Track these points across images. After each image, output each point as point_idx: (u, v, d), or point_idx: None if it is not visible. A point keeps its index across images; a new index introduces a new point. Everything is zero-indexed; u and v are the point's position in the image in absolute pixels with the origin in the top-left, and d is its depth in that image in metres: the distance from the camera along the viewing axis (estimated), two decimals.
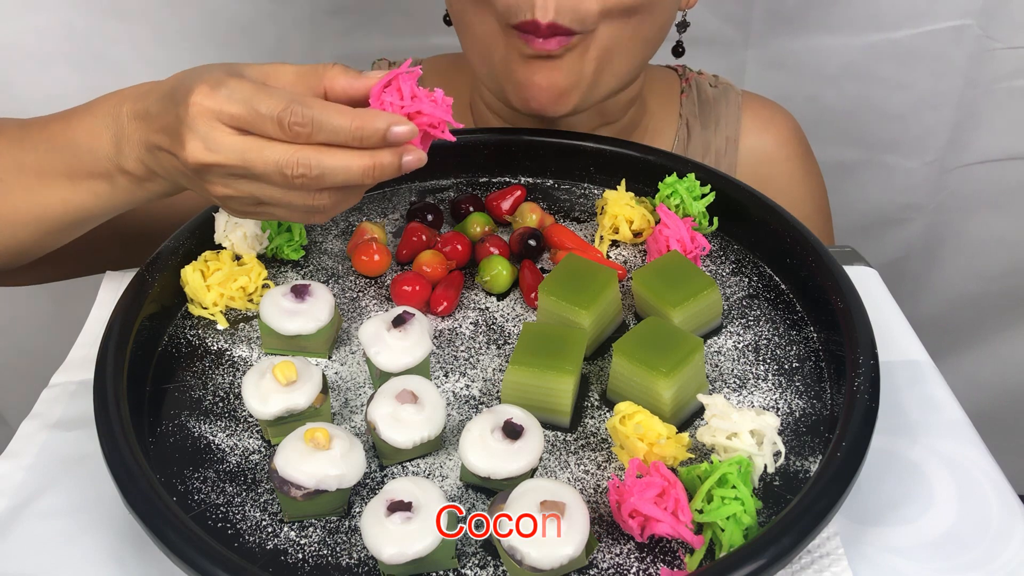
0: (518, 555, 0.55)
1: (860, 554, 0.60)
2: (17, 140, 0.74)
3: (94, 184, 0.70)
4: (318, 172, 0.60)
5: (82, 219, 0.74)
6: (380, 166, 0.60)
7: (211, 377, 0.71)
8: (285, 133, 0.59)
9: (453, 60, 1.07)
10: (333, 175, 0.60)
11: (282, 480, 0.59)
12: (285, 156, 0.60)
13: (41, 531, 0.63)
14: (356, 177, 0.60)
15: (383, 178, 0.61)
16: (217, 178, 0.62)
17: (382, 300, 0.78)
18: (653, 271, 0.73)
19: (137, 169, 0.68)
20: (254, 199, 0.63)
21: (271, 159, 0.60)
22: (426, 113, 0.63)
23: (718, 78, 1.08)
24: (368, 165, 0.60)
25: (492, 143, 0.90)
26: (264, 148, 0.60)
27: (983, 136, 1.33)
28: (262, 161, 0.60)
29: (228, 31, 1.21)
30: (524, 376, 0.65)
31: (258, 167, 0.60)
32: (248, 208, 0.65)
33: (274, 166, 0.60)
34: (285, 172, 0.60)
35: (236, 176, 0.62)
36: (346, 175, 0.60)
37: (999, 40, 1.24)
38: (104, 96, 0.71)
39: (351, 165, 0.60)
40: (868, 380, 0.64)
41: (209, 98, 0.60)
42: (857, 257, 0.85)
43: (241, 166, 0.60)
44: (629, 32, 0.83)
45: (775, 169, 1.05)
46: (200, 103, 0.60)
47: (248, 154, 0.60)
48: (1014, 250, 1.42)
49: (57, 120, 0.73)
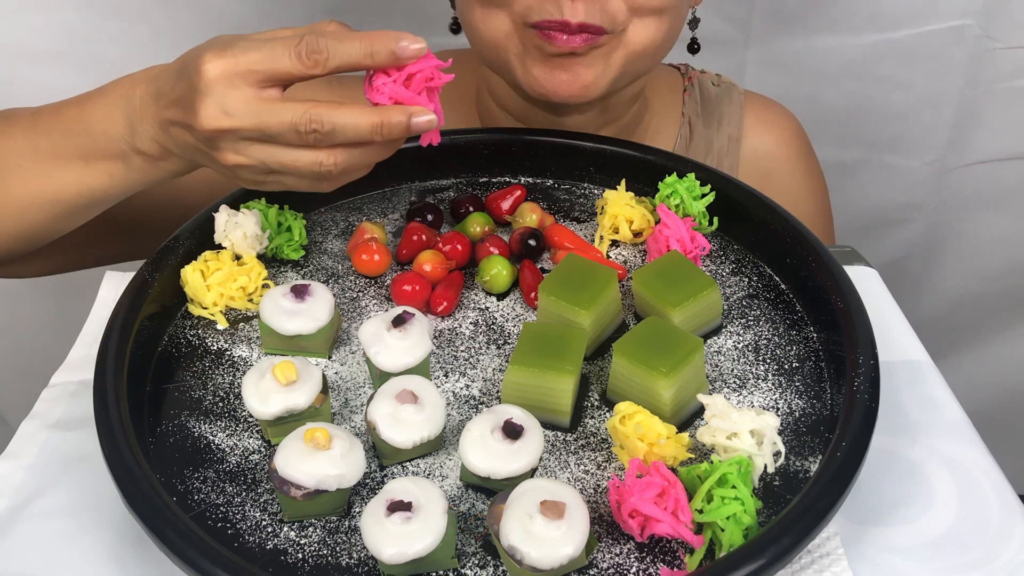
0: (518, 555, 0.55)
1: (860, 554, 0.60)
2: (31, 127, 0.75)
3: (109, 166, 0.72)
4: (330, 127, 0.62)
5: (97, 200, 0.75)
6: (388, 123, 0.62)
7: (211, 377, 0.71)
8: (303, 64, 0.62)
9: (457, 56, 1.07)
10: (344, 130, 0.62)
11: (282, 480, 0.59)
12: (298, 113, 0.62)
13: (41, 531, 0.63)
14: (365, 132, 0.62)
15: (394, 135, 0.63)
16: (230, 143, 0.64)
17: (382, 300, 0.78)
18: (653, 271, 0.73)
19: (151, 149, 0.69)
20: (264, 167, 0.65)
21: (285, 118, 0.62)
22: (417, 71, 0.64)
23: (721, 77, 1.07)
24: (377, 122, 0.62)
25: (492, 143, 0.90)
26: (277, 108, 0.62)
27: (983, 136, 1.33)
28: (276, 121, 0.62)
29: (228, 31, 1.20)
30: (524, 376, 0.65)
31: (272, 127, 0.62)
32: (258, 177, 0.66)
33: (289, 124, 0.62)
34: (299, 129, 0.62)
35: (249, 140, 0.63)
36: (356, 131, 0.62)
37: (999, 40, 1.24)
38: (116, 80, 0.72)
39: (360, 121, 0.62)
40: (868, 380, 0.64)
41: (220, 58, 0.62)
42: (857, 257, 0.85)
43: (256, 127, 0.62)
44: (661, 33, 0.84)
45: (777, 169, 1.05)
46: (212, 67, 0.62)
47: (262, 115, 0.62)
48: (1014, 250, 1.42)
49: (71, 105, 0.74)
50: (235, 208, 0.79)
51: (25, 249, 0.80)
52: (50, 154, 0.73)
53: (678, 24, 0.87)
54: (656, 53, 0.87)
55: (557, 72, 0.83)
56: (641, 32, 0.83)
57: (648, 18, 0.82)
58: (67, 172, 0.73)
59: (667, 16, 0.83)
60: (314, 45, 0.61)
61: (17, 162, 0.75)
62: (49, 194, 0.74)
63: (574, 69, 0.82)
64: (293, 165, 0.64)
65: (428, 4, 1.23)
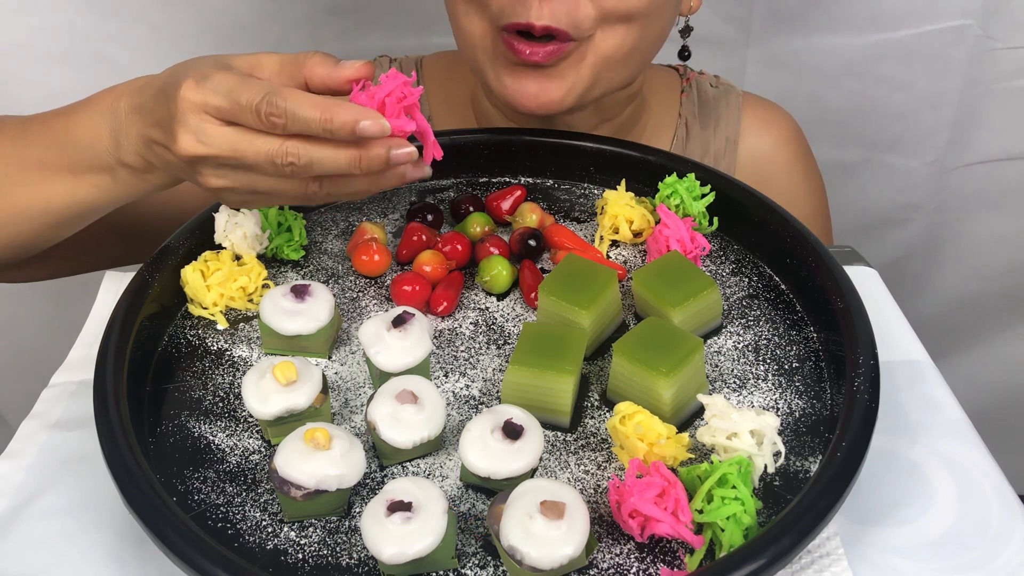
0: (518, 555, 0.55)
1: (860, 554, 0.60)
2: (19, 136, 0.75)
3: (96, 177, 0.71)
4: (306, 161, 0.61)
5: (85, 211, 0.75)
6: (367, 157, 0.62)
7: (211, 377, 0.71)
8: (263, 124, 0.61)
9: (455, 57, 1.07)
10: (321, 164, 0.62)
11: (282, 480, 0.59)
12: (274, 146, 0.61)
13: (41, 531, 0.63)
14: (343, 167, 0.62)
15: (373, 169, 0.62)
16: (210, 169, 0.64)
17: (382, 300, 0.78)
18: (653, 271, 0.73)
19: (136, 162, 0.69)
20: (250, 189, 0.64)
21: (262, 149, 0.61)
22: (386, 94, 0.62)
23: (719, 78, 1.07)
24: (355, 156, 0.62)
25: (492, 143, 0.90)
26: (255, 139, 0.62)
27: (983, 136, 1.33)
28: (253, 151, 0.61)
29: (228, 31, 1.21)
30: (524, 376, 0.65)
31: (249, 157, 0.62)
32: (245, 198, 0.66)
33: (265, 156, 0.61)
34: (275, 162, 0.61)
35: (229, 167, 0.63)
36: (334, 164, 0.62)
37: (999, 40, 1.24)
38: (102, 92, 0.72)
39: (338, 156, 0.61)
40: (868, 380, 0.64)
41: (195, 92, 0.61)
42: (857, 257, 0.85)
43: (232, 157, 0.62)
44: (630, 40, 0.83)
45: (774, 170, 1.05)
46: (187, 97, 0.62)
47: (239, 144, 0.62)
48: (1014, 250, 1.42)
49: (57, 116, 0.74)
50: (235, 208, 0.79)
51: (17, 257, 0.80)
52: (38, 165, 0.73)
53: (653, 32, 0.86)
54: (628, 60, 0.85)
55: (525, 83, 0.82)
56: (609, 39, 0.82)
57: (616, 25, 0.81)
58: (55, 183, 0.73)
59: (637, 24, 0.82)
60: (274, 108, 0.60)
61: (5, 171, 0.74)
62: (38, 204, 0.74)
63: (542, 82, 0.82)
64: (278, 188, 0.64)
65: (428, 4, 1.23)
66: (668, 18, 0.88)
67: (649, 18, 0.83)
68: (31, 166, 0.73)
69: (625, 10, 0.80)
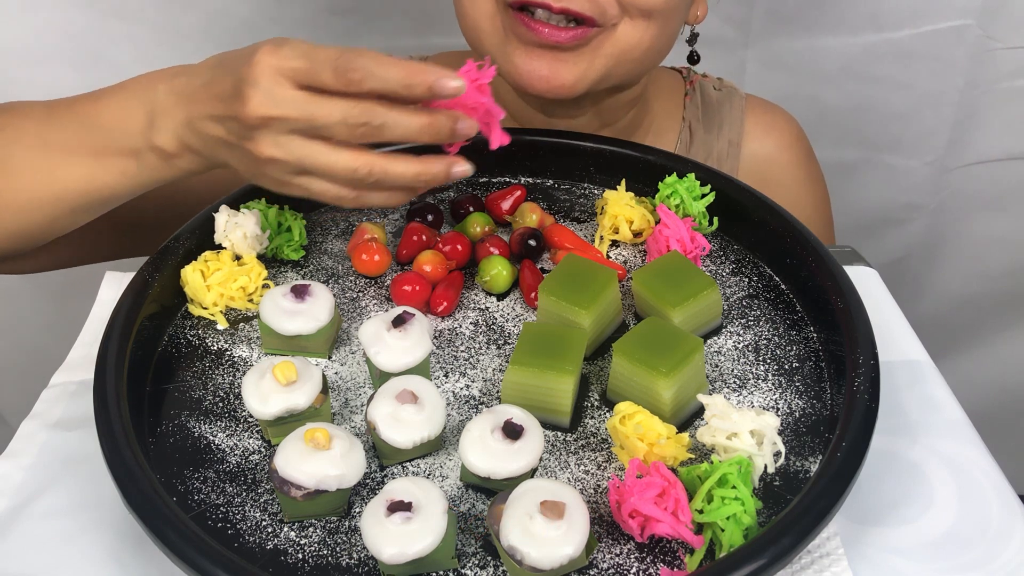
0: (518, 555, 0.55)
1: (860, 554, 0.60)
2: (44, 119, 0.75)
3: (119, 162, 0.72)
4: (379, 123, 0.62)
5: (104, 199, 0.75)
6: (436, 123, 0.63)
7: (211, 377, 0.71)
8: (340, 81, 0.61)
9: (459, 58, 1.07)
10: (393, 127, 0.62)
11: (282, 480, 0.59)
12: (348, 106, 0.62)
13: (41, 531, 0.63)
14: (413, 132, 0.63)
15: (439, 138, 0.63)
16: (272, 136, 0.64)
17: (382, 300, 0.78)
18: (653, 271, 0.73)
19: (169, 145, 0.69)
20: (298, 165, 0.64)
21: (335, 110, 0.62)
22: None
23: (722, 81, 1.07)
24: (425, 122, 0.62)
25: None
26: (328, 101, 0.62)
27: (983, 136, 1.33)
28: (325, 112, 0.62)
29: (228, 31, 1.21)
30: (524, 376, 0.65)
31: (320, 118, 0.62)
32: (287, 176, 0.66)
33: (339, 116, 0.62)
34: (349, 122, 0.62)
35: (293, 132, 0.63)
36: (405, 128, 0.62)
37: (999, 40, 1.24)
38: (133, 78, 0.73)
39: (411, 120, 0.62)
40: (868, 380, 0.64)
41: (272, 56, 0.62)
42: (857, 257, 0.85)
43: (305, 118, 0.62)
44: (648, 37, 0.83)
45: (777, 173, 1.05)
46: (264, 60, 0.62)
47: (311, 105, 0.62)
48: (1014, 250, 1.42)
49: (86, 99, 0.74)
50: (235, 208, 0.79)
51: (23, 247, 0.80)
52: (60, 148, 0.73)
53: (666, 34, 0.86)
54: (642, 58, 0.86)
55: (537, 63, 0.82)
56: (631, 33, 0.82)
57: (638, 19, 0.81)
58: (76, 167, 0.73)
59: (656, 22, 0.82)
60: (353, 64, 0.61)
61: (24, 155, 0.75)
62: (54, 190, 0.74)
63: (555, 65, 0.82)
64: (328, 165, 0.64)
65: (428, 4, 1.23)
66: (680, 21, 0.88)
67: (667, 17, 0.84)
68: (53, 149, 0.74)
69: (647, 4, 0.80)
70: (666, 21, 0.84)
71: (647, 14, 0.81)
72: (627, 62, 0.85)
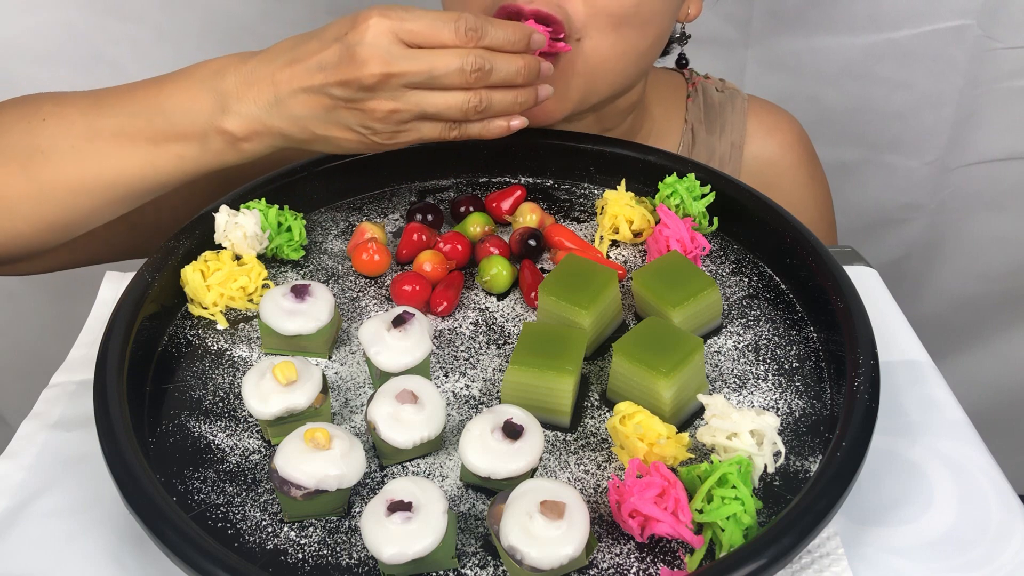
0: (518, 555, 0.55)
1: (860, 554, 0.60)
2: (92, 107, 0.76)
3: (181, 147, 0.74)
4: (490, 67, 0.71)
5: (159, 184, 0.76)
6: (530, 64, 0.73)
7: (211, 377, 0.71)
8: (459, 37, 0.70)
9: None
10: (500, 69, 0.71)
11: (282, 480, 0.59)
12: (463, 55, 0.70)
13: (41, 531, 0.63)
14: (514, 72, 0.72)
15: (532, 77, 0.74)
16: (390, 91, 0.69)
17: (382, 300, 0.78)
18: (653, 271, 0.73)
19: (240, 128, 0.72)
20: (418, 112, 0.71)
21: (452, 59, 0.69)
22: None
23: (724, 82, 1.07)
24: (522, 64, 0.73)
25: (492, 143, 0.90)
26: (443, 54, 0.70)
27: (983, 136, 1.33)
28: (443, 63, 0.69)
29: (229, 31, 1.21)
30: (524, 376, 0.65)
31: (439, 68, 0.69)
32: (400, 127, 0.72)
33: (457, 65, 0.69)
34: (465, 68, 0.70)
35: (411, 86, 0.70)
36: (508, 69, 0.72)
37: (999, 40, 1.24)
38: (193, 65, 0.75)
39: (512, 60, 0.72)
40: (868, 380, 0.64)
41: (387, 17, 0.68)
42: (857, 257, 0.85)
43: (426, 70, 0.69)
44: (621, 47, 0.83)
45: (779, 175, 1.05)
46: (379, 22, 0.68)
47: (429, 58, 0.69)
48: (1014, 250, 1.42)
49: (144, 86, 0.76)
50: (235, 208, 0.79)
51: (56, 240, 0.79)
52: (112, 135, 0.74)
53: (645, 42, 0.86)
54: (623, 69, 0.85)
55: None
56: (599, 47, 0.82)
57: (606, 31, 0.81)
58: (132, 153, 0.74)
59: (629, 29, 0.82)
60: (471, 22, 0.69)
61: (71, 143, 0.74)
62: (106, 177, 0.75)
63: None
64: (447, 106, 0.71)
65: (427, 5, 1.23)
66: (665, 25, 0.87)
67: (645, 22, 0.83)
68: (104, 137, 0.74)
69: (617, 10, 0.80)
70: (644, 26, 0.83)
71: (616, 24, 0.81)
72: (606, 74, 0.85)
